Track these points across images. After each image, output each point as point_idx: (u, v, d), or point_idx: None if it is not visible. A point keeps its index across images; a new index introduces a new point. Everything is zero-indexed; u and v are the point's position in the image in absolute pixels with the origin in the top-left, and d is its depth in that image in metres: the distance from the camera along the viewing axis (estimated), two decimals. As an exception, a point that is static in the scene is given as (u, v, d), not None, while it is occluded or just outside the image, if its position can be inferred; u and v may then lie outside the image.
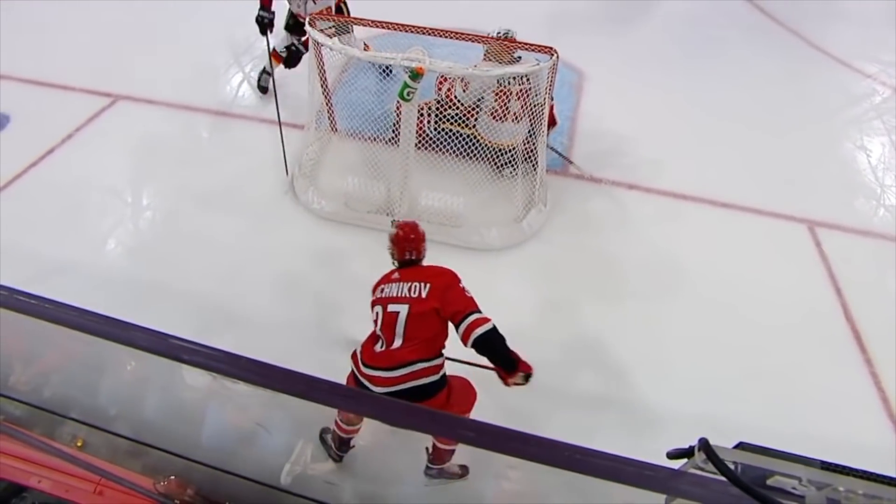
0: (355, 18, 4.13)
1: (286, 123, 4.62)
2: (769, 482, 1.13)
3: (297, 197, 4.36)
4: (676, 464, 1.23)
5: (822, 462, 1.16)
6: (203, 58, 5.70)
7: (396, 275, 2.71)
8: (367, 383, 2.53)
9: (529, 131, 4.19)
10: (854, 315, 3.81)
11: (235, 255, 4.00)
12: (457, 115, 4.21)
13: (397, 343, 2.51)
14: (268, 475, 2.16)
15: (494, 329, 2.44)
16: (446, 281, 2.56)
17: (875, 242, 4.31)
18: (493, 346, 2.43)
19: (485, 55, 4.16)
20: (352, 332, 3.60)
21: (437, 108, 4.24)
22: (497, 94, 4.08)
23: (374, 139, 4.33)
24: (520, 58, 3.98)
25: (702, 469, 1.16)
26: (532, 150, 4.16)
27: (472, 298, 2.51)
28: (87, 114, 5.01)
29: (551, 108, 4.53)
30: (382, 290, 2.67)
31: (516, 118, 4.11)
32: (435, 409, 2.56)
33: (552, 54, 3.65)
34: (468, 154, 4.06)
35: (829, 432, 3.16)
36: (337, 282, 3.88)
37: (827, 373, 3.52)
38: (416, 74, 3.46)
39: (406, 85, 3.53)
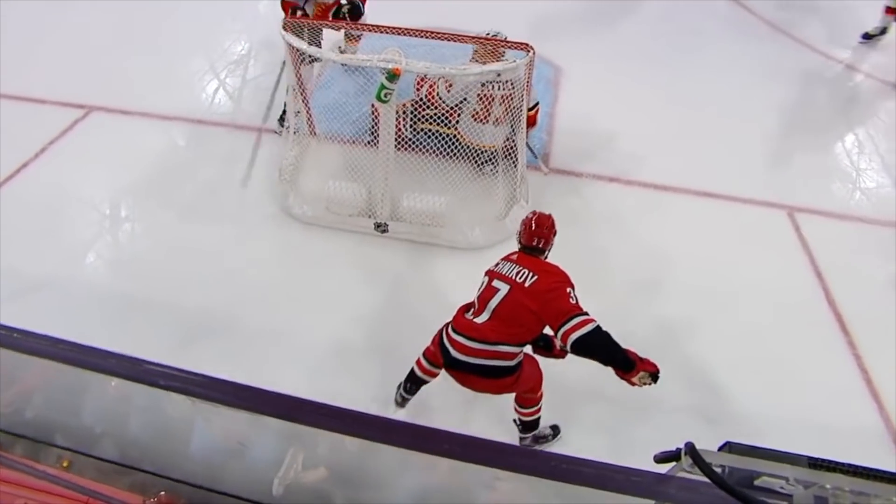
0: (330, 22, 4.08)
1: (265, 129, 4.58)
2: (756, 483, 1.14)
3: (278, 202, 4.31)
4: (664, 468, 1.23)
5: (809, 459, 1.17)
6: (176, 66, 5.60)
7: (515, 256, 2.74)
8: (447, 344, 2.60)
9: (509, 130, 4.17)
10: (835, 298, 3.87)
11: (217, 265, 3.95)
12: (436, 114, 4.17)
13: (484, 317, 2.56)
14: (257, 488, 2.13)
15: (595, 331, 2.34)
16: (553, 281, 2.54)
17: (853, 226, 4.36)
18: (594, 349, 2.35)
19: (472, 58, 4.13)
20: (338, 335, 3.59)
21: (414, 110, 4.21)
22: (480, 98, 4.06)
23: (354, 142, 4.29)
24: None
25: (689, 472, 1.16)
26: (512, 148, 4.15)
27: (576, 304, 2.45)
28: (61, 127, 4.89)
29: (537, 110, 4.51)
30: (497, 265, 2.72)
31: (497, 122, 4.10)
32: (500, 388, 2.66)
33: (528, 51, 3.64)
34: (448, 154, 4.04)
35: (815, 415, 3.24)
36: (321, 286, 3.85)
37: (811, 356, 3.57)
38: (392, 75, 3.42)
39: (383, 86, 3.48)
